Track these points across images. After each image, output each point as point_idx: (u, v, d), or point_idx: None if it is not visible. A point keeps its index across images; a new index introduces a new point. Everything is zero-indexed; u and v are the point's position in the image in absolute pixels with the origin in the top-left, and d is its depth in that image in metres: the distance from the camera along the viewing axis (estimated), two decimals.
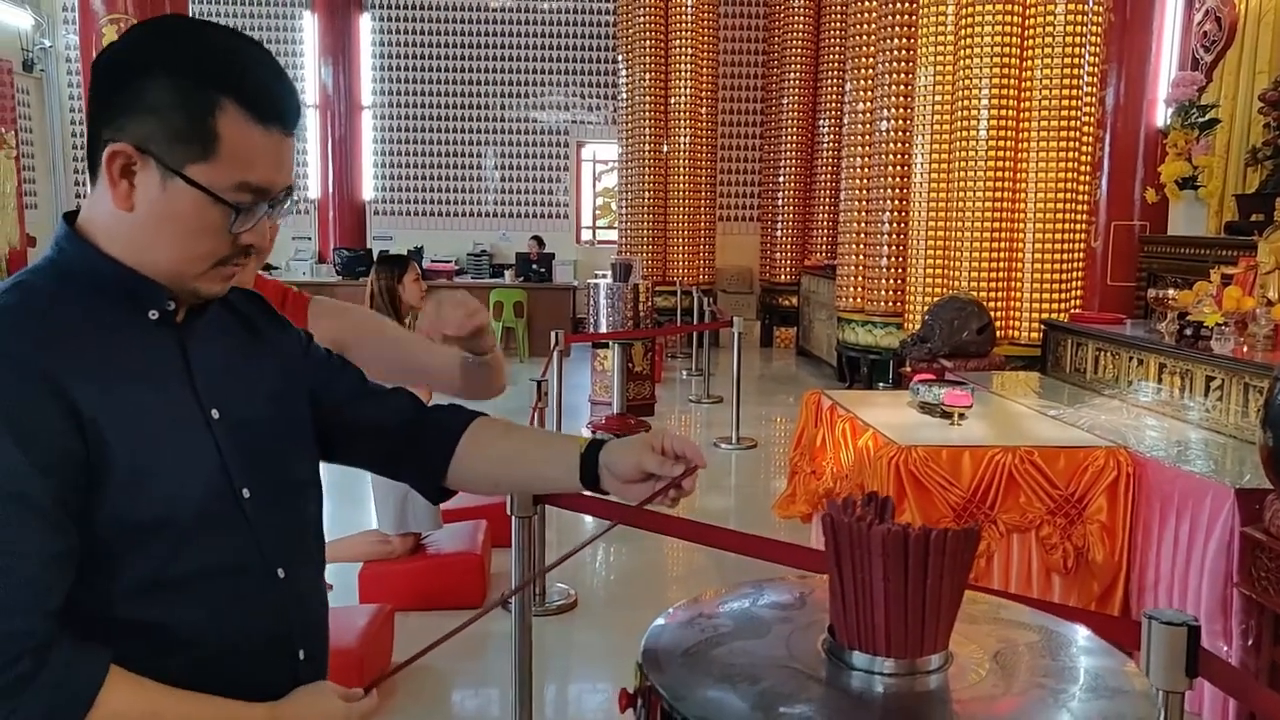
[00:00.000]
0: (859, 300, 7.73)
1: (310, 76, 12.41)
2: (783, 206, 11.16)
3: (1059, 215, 5.86)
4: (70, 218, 1.00)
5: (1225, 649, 2.77)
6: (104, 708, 0.85)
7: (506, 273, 11.45)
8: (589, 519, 4.82)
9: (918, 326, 5.65)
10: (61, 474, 0.86)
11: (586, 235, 13.12)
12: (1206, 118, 5.71)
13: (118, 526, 0.91)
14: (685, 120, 10.52)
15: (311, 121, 12.44)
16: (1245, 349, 3.95)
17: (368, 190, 12.82)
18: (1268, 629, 2.64)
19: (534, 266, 11.11)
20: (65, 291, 0.95)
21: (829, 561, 0.96)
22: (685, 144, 10.55)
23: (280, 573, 1.04)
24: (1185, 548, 3.05)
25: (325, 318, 1.56)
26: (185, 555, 0.95)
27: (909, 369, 5.27)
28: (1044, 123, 5.82)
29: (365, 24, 12.55)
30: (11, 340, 0.88)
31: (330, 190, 12.44)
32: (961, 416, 3.75)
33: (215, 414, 1.01)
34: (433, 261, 11.36)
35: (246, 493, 1.01)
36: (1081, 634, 1.06)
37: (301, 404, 1.15)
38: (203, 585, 0.97)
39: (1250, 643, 2.74)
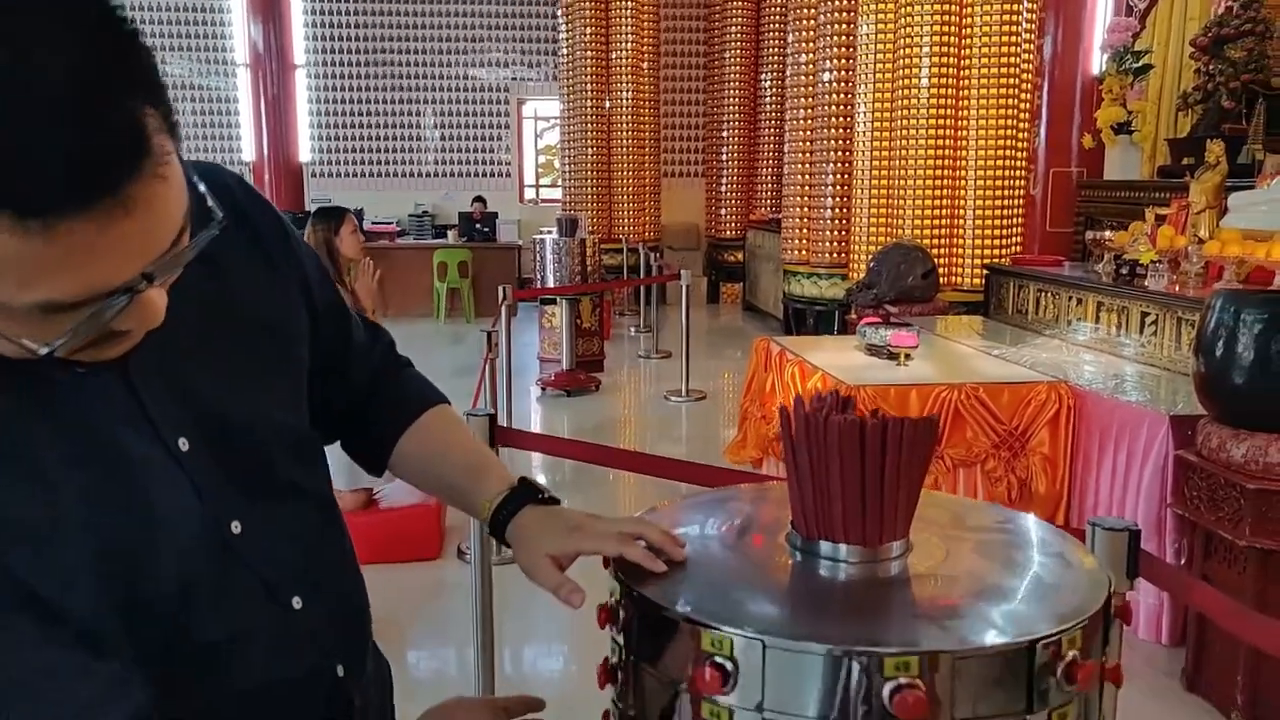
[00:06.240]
0: (804, 253, 7.78)
1: (240, 35, 12.03)
2: (727, 161, 11.15)
3: (999, 163, 5.96)
4: None
5: None
6: None
7: (450, 233, 11.31)
8: (541, 463, 4.83)
9: (862, 276, 5.71)
10: None
11: (530, 194, 12.99)
12: (1140, 63, 5.82)
13: (105, 614, 0.74)
14: (627, 75, 10.42)
15: (243, 82, 12.08)
16: (1178, 287, 4.08)
17: (304, 152, 12.51)
18: (1199, 545, 2.76)
19: (477, 226, 10.98)
20: None
21: (785, 455, 0.97)
22: (628, 99, 10.46)
23: (296, 602, 0.87)
24: (1123, 474, 3.16)
25: None
26: (188, 627, 0.80)
27: (855, 315, 5.34)
28: (984, 71, 5.89)
29: None
30: None
31: (265, 153, 12.12)
32: (908, 357, 3.82)
33: (183, 444, 0.79)
34: (374, 223, 11.17)
35: (237, 526, 0.83)
36: (1035, 522, 1.10)
37: (293, 345, 0.94)
38: (221, 651, 0.83)
39: (1183, 560, 2.86)
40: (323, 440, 1.03)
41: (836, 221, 7.36)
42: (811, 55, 7.68)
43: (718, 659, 0.76)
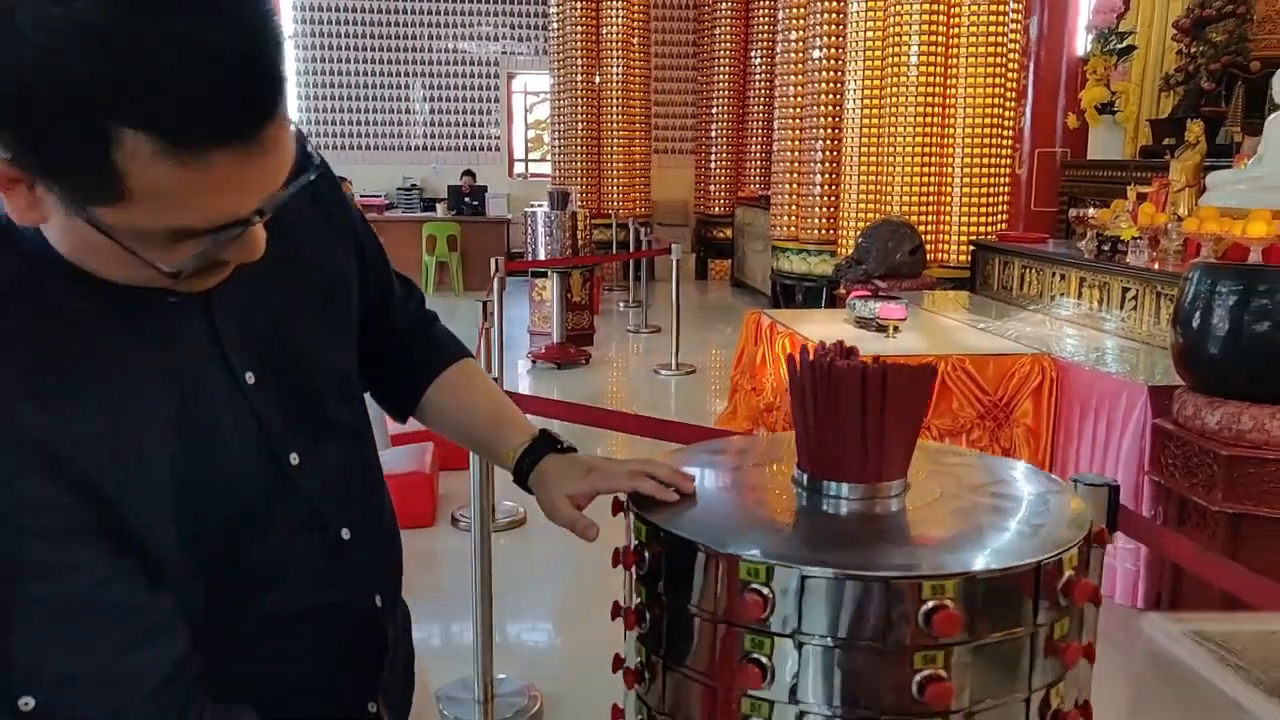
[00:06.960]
0: (793, 229, 7.85)
1: None
2: (716, 138, 11.18)
3: (986, 142, 6.03)
4: None
5: None
6: None
7: (438, 206, 11.30)
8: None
9: (851, 252, 5.79)
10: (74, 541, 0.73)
11: (519, 168, 12.98)
12: (1124, 44, 5.90)
13: (172, 538, 0.79)
14: (618, 51, 10.42)
15: None
16: (1157, 263, 4.18)
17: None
18: (1173, 511, 2.86)
19: (466, 200, 10.98)
20: (33, 284, 0.73)
21: (792, 398, 1.04)
22: (618, 75, 10.46)
23: (345, 533, 0.93)
24: (1103, 443, 3.26)
25: None
26: (243, 551, 0.85)
27: (844, 291, 5.42)
28: (971, 51, 5.95)
29: None
30: None
31: None
32: (896, 329, 3.91)
33: (250, 378, 0.84)
34: (362, 196, 11.15)
35: (295, 458, 0.88)
36: (1025, 468, 1.16)
37: (348, 298, 1.00)
38: (271, 575, 0.88)
39: (1159, 525, 2.97)
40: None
41: (825, 198, 7.42)
42: (801, 32, 7.72)
43: (642, 549, 0.95)
